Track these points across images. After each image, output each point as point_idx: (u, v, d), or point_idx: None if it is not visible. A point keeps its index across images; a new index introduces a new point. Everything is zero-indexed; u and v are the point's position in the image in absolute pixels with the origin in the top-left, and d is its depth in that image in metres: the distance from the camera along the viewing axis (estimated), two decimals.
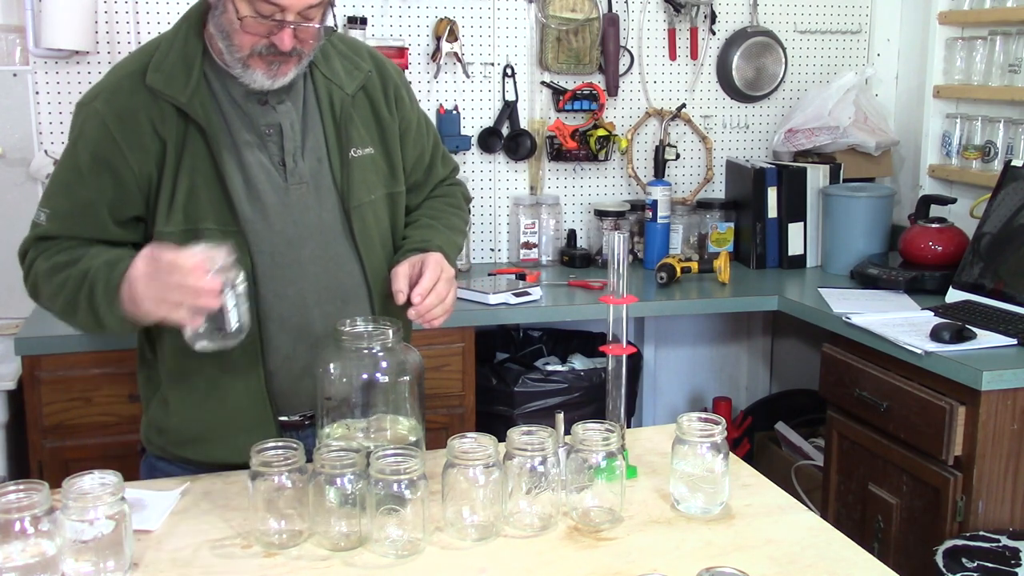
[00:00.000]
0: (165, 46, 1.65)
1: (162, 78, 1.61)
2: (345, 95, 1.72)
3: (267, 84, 1.61)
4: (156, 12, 2.98)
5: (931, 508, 2.40)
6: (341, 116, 1.71)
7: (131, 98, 1.61)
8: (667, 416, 3.61)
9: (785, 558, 1.44)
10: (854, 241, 3.18)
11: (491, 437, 1.48)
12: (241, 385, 1.68)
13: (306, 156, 1.69)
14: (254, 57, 1.59)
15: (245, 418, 1.68)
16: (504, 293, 2.82)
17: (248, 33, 1.57)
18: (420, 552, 1.43)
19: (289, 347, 1.69)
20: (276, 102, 1.67)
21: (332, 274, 1.70)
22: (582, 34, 3.31)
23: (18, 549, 1.28)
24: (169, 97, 1.60)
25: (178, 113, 1.61)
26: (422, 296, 1.64)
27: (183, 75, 1.61)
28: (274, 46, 1.58)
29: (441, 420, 2.71)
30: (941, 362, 2.33)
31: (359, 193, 1.72)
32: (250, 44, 1.58)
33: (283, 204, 1.66)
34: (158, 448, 1.77)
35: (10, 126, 2.91)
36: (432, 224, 1.84)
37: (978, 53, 3.15)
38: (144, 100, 1.61)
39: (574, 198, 3.46)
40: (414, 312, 1.65)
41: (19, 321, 2.77)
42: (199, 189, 1.62)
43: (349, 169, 1.71)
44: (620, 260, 1.61)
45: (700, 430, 1.56)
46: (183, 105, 1.60)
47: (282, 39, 1.57)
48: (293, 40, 1.58)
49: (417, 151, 1.86)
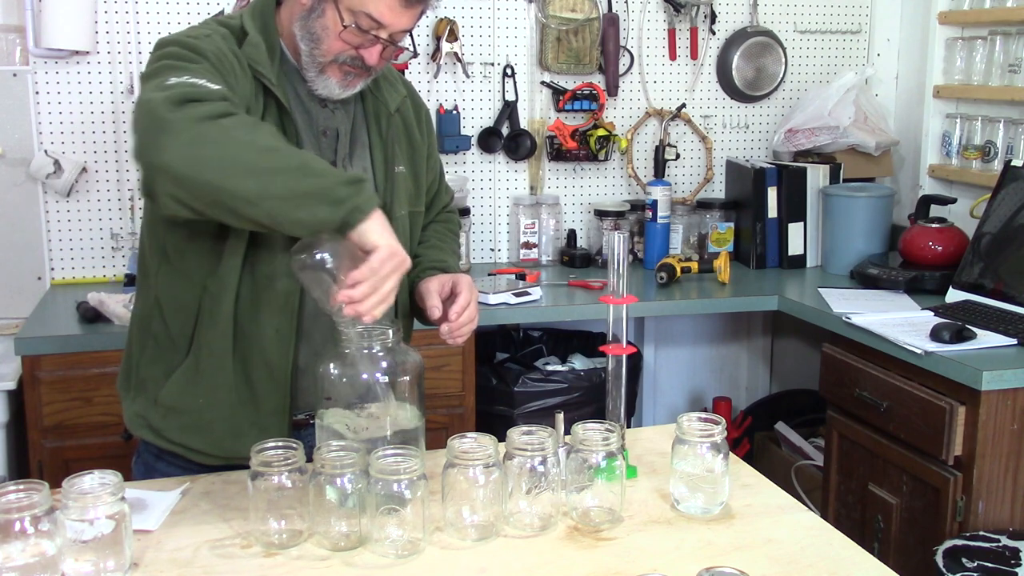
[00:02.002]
0: (251, 28, 1.65)
1: (256, 54, 1.63)
2: (390, 113, 1.79)
3: (336, 92, 1.67)
4: (156, 12, 2.98)
5: (931, 508, 2.40)
6: (388, 132, 1.78)
7: (236, 54, 1.61)
8: (667, 416, 3.61)
9: (785, 558, 1.44)
10: (854, 241, 3.19)
11: (491, 437, 1.49)
12: (267, 371, 1.68)
13: (354, 164, 1.74)
14: (334, 65, 1.64)
15: (265, 406, 1.68)
16: (504, 293, 2.82)
17: (342, 41, 1.61)
18: (420, 552, 1.43)
19: (320, 343, 1.70)
20: (334, 107, 1.72)
21: None
22: (582, 34, 3.31)
23: (18, 549, 1.27)
24: (262, 73, 1.61)
25: (264, 91, 1.63)
26: (458, 314, 1.71)
27: (269, 58, 1.64)
28: (360, 59, 1.64)
29: (441, 420, 2.71)
30: (941, 362, 2.33)
31: (396, 207, 1.78)
32: (337, 51, 1.63)
33: None
34: (152, 432, 1.72)
35: (10, 126, 2.91)
36: (442, 247, 1.93)
37: (978, 53, 3.15)
38: (245, 64, 1.61)
39: (574, 198, 3.47)
40: (447, 328, 1.71)
41: (19, 321, 2.78)
42: None
43: (393, 183, 1.77)
44: (620, 260, 1.61)
45: (700, 430, 1.56)
46: (272, 84, 1.62)
47: (372, 54, 1.63)
48: (380, 58, 1.64)
49: (431, 176, 1.94)
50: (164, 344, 1.70)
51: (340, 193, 1.42)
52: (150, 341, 1.71)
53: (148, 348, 1.71)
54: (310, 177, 1.42)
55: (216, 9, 2.99)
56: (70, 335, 2.52)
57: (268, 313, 1.66)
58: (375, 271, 1.42)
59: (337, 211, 1.41)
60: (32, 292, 2.96)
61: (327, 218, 1.42)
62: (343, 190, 1.42)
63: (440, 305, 1.73)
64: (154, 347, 1.71)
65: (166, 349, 1.70)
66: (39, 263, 2.99)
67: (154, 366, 1.71)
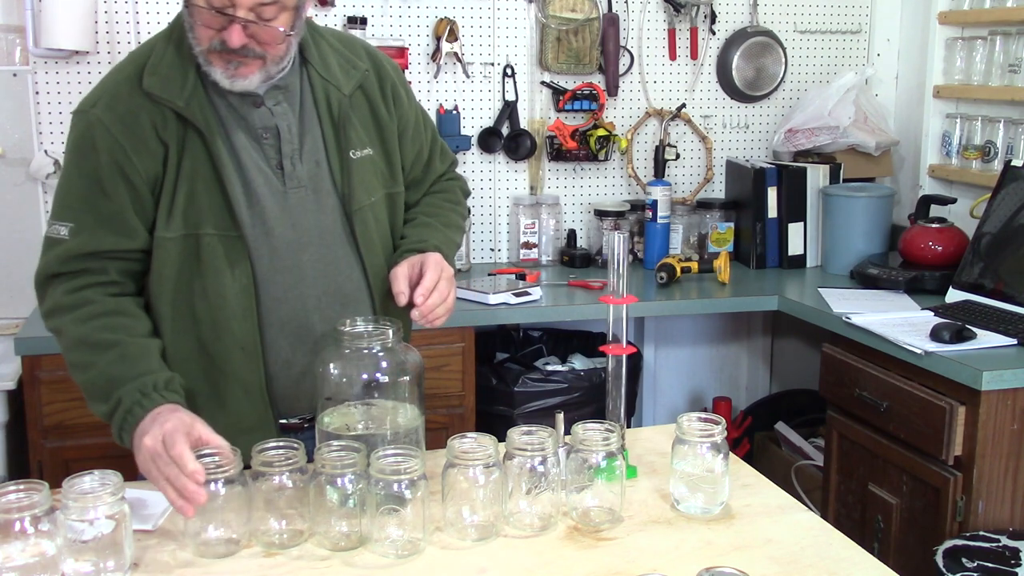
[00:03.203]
0: (160, 49, 1.62)
1: (158, 82, 1.59)
2: (342, 96, 1.70)
3: (225, 84, 1.58)
4: (156, 12, 2.98)
5: (931, 508, 2.40)
6: (339, 117, 1.69)
7: (131, 102, 1.59)
8: (667, 416, 3.61)
9: (785, 558, 1.44)
10: (854, 241, 3.18)
11: (491, 437, 1.49)
12: (241, 389, 1.67)
13: (304, 159, 1.67)
14: (212, 53, 1.56)
15: (246, 421, 1.67)
16: (504, 293, 2.82)
17: (204, 26, 1.55)
18: (420, 552, 1.43)
19: (289, 351, 1.68)
20: (272, 104, 1.65)
21: (332, 278, 1.70)
22: (582, 34, 3.31)
23: (18, 549, 1.28)
24: (166, 101, 1.59)
25: (177, 117, 1.60)
26: (424, 296, 1.64)
27: (179, 78, 1.60)
28: (224, 42, 1.54)
29: (441, 420, 2.71)
30: (941, 362, 2.33)
31: (360, 196, 1.71)
32: (207, 39, 1.55)
33: (282, 208, 1.65)
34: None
35: (10, 126, 2.91)
36: (429, 223, 1.83)
37: (978, 53, 3.15)
38: (144, 104, 1.59)
39: (574, 198, 3.46)
40: (417, 313, 1.65)
41: (19, 321, 2.78)
42: (199, 194, 1.61)
43: (349, 172, 1.69)
44: (620, 260, 1.61)
45: (700, 430, 1.56)
46: (180, 109, 1.59)
47: (230, 35, 1.53)
48: (243, 38, 1.54)
49: (415, 149, 1.85)
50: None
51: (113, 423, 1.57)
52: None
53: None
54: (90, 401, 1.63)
55: None
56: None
57: (228, 334, 1.65)
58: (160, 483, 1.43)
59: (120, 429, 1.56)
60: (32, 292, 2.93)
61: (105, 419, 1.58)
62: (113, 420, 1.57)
63: (406, 291, 1.65)
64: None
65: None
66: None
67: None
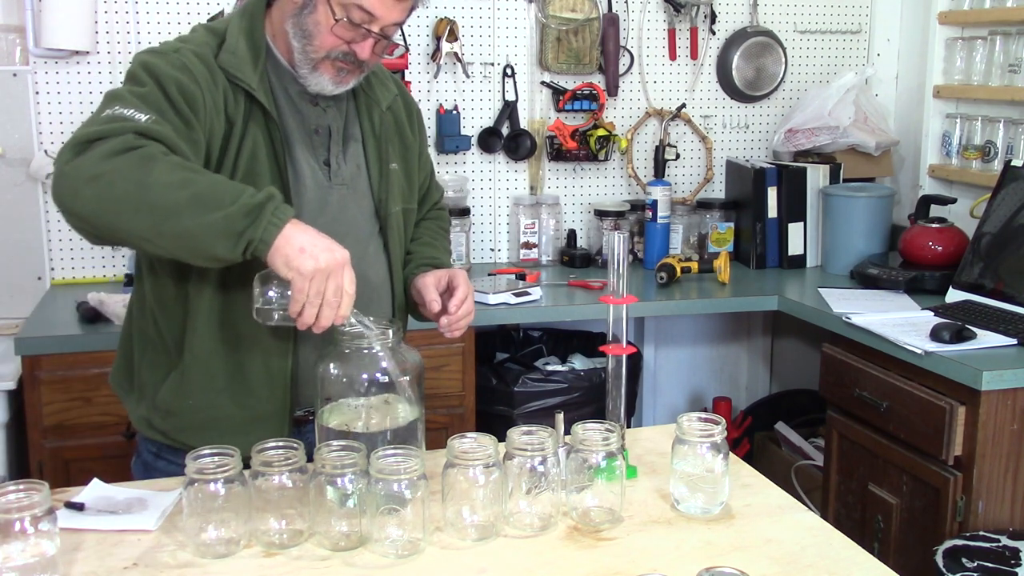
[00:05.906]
0: (234, 32, 1.66)
1: (235, 61, 1.64)
2: (382, 111, 1.81)
3: (329, 89, 1.67)
4: (156, 12, 2.98)
5: (931, 508, 2.40)
6: (380, 130, 1.80)
7: (211, 65, 1.62)
8: (667, 416, 3.61)
9: (785, 558, 1.44)
10: (854, 241, 3.18)
11: (491, 437, 1.49)
12: (265, 373, 1.69)
13: (347, 160, 1.76)
14: (327, 61, 1.65)
15: (264, 406, 1.69)
16: (504, 293, 2.82)
17: (335, 36, 1.62)
18: (420, 552, 1.43)
19: (319, 339, 1.70)
20: (326, 105, 1.73)
21: (362, 273, 1.71)
22: (582, 34, 3.31)
23: (18, 549, 1.28)
24: (240, 80, 1.63)
25: (246, 97, 1.64)
26: (457, 307, 1.74)
27: (252, 63, 1.65)
28: (352, 54, 1.65)
29: (441, 420, 2.71)
30: (941, 362, 2.33)
31: (391, 203, 1.80)
32: (330, 47, 1.64)
33: (325, 202, 1.72)
34: (160, 434, 1.74)
35: (10, 126, 2.91)
36: (434, 243, 1.95)
37: (978, 53, 3.15)
38: (220, 74, 1.62)
39: (574, 198, 3.46)
40: (446, 321, 1.74)
41: (19, 321, 2.78)
42: (258, 176, 1.63)
43: (388, 180, 1.79)
44: (620, 260, 1.61)
45: (700, 430, 1.56)
46: (253, 90, 1.63)
47: (364, 48, 1.64)
48: (371, 52, 1.65)
49: (423, 175, 1.96)
50: (159, 347, 1.72)
51: (237, 226, 1.41)
52: (148, 345, 1.74)
53: (147, 352, 1.74)
54: (204, 212, 1.40)
55: (216, 9, 2.99)
56: (70, 335, 2.52)
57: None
58: (305, 297, 1.43)
59: (236, 247, 1.42)
60: (32, 292, 2.96)
61: (227, 255, 1.43)
62: (240, 223, 1.41)
63: (439, 299, 1.76)
64: (152, 351, 1.73)
65: (161, 352, 1.72)
66: (39, 263, 2.99)
67: (153, 370, 1.73)
